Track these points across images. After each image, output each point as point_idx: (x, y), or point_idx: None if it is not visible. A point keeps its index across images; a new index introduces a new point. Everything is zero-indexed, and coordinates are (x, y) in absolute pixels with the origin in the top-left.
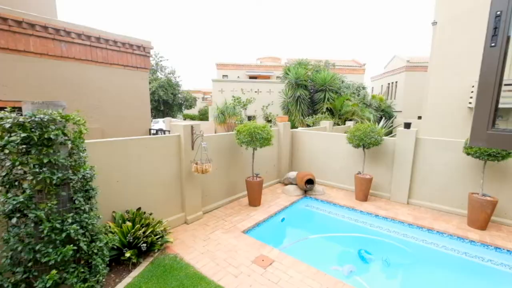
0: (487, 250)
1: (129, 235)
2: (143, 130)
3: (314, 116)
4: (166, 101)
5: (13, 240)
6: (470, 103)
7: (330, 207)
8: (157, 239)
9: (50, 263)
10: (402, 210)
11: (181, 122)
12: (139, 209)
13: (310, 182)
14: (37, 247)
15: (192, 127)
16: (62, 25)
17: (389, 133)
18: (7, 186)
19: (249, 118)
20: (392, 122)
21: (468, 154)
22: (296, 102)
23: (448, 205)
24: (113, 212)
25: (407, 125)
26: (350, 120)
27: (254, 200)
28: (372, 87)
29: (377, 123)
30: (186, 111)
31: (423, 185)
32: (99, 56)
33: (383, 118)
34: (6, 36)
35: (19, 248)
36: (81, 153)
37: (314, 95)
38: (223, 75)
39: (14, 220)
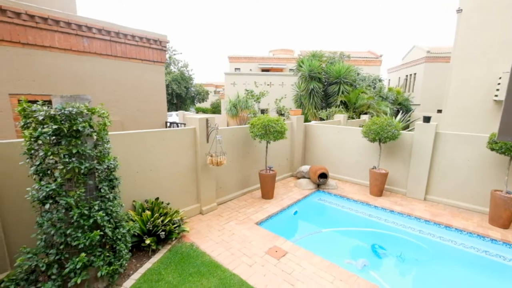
0: (509, 249)
1: (148, 223)
2: (160, 123)
3: (328, 109)
4: (179, 95)
5: (46, 225)
6: (496, 95)
7: (343, 202)
8: (174, 228)
9: (79, 247)
10: (419, 206)
11: (196, 115)
12: (157, 199)
13: (323, 176)
14: (67, 232)
15: (207, 120)
16: (84, 21)
17: (406, 127)
18: (41, 175)
19: (262, 111)
20: (409, 116)
21: (492, 149)
22: (309, 95)
23: (468, 202)
24: (133, 201)
25: (427, 119)
26: (365, 113)
27: (267, 193)
28: (389, 80)
29: (394, 117)
30: (198, 104)
31: (441, 181)
32: (118, 51)
33: (400, 111)
34: (34, 32)
35: (52, 232)
36: (105, 145)
37: (328, 88)
38: (235, 68)
39: (47, 206)
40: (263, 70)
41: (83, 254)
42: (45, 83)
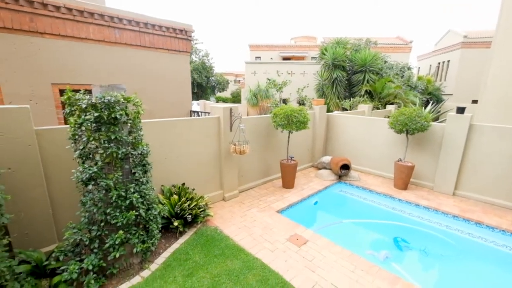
0: None
1: (176, 206)
2: (185, 111)
3: (351, 99)
4: (200, 84)
5: (89, 204)
6: None
7: (366, 194)
8: (200, 212)
9: (117, 225)
10: (447, 201)
11: (220, 104)
12: (183, 184)
13: (346, 167)
14: (107, 211)
15: (231, 109)
16: (116, 13)
17: (436, 118)
18: (84, 158)
19: (284, 101)
20: (441, 107)
21: None
22: (332, 84)
23: (502, 199)
24: (162, 185)
25: (461, 110)
26: (392, 103)
27: (288, 183)
28: (419, 67)
29: (423, 108)
30: (218, 94)
31: (473, 176)
32: (146, 41)
33: (431, 102)
34: (71, 25)
35: (94, 210)
36: (139, 132)
37: (352, 77)
38: (256, 57)
39: (89, 187)
40: (284, 58)
41: (121, 232)
42: (81, 73)
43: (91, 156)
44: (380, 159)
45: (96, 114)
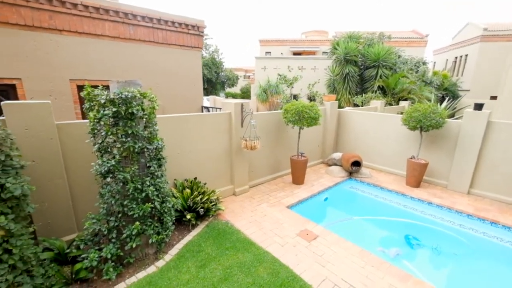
0: None
1: (189, 200)
2: (197, 107)
3: (363, 95)
4: (210, 80)
5: (107, 195)
6: None
7: (377, 191)
8: (211, 206)
9: (134, 216)
10: (461, 199)
11: (231, 100)
12: (195, 178)
13: (357, 164)
14: (124, 202)
15: (242, 105)
16: (130, 9)
17: (451, 115)
18: (102, 152)
19: (294, 96)
20: (457, 103)
21: None
22: (343, 79)
23: None
24: (175, 179)
25: (479, 106)
26: (405, 100)
27: (298, 178)
28: (434, 62)
29: (438, 104)
30: (228, 89)
31: (490, 174)
32: (159, 37)
33: (446, 98)
34: (88, 22)
35: (112, 202)
36: (154, 126)
37: (365, 72)
38: (266, 52)
39: (108, 179)
40: (295, 53)
41: (137, 223)
42: (97, 69)
43: (109, 150)
44: (392, 156)
45: (114, 109)
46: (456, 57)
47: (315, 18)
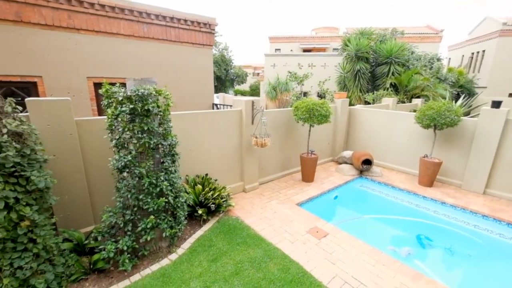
0: None
1: (200, 195)
2: (207, 104)
3: (374, 92)
4: (219, 77)
5: (123, 190)
6: None
7: (388, 190)
8: (222, 201)
9: (149, 210)
10: (476, 199)
11: (240, 97)
12: (206, 174)
13: (367, 162)
14: (140, 197)
15: (253, 102)
16: (144, 8)
17: (467, 113)
18: (119, 147)
19: (304, 94)
20: (473, 100)
21: None
22: (354, 76)
23: None
24: (186, 175)
25: (496, 104)
26: (418, 97)
27: (308, 176)
28: (449, 58)
29: (453, 101)
30: (237, 87)
31: (507, 174)
32: (172, 35)
33: (462, 95)
34: (104, 21)
35: (128, 196)
36: (168, 123)
37: (376, 69)
38: (275, 49)
39: (124, 174)
40: (305, 50)
41: (152, 217)
42: (113, 67)
43: (125, 145)
44: (404, 154)
45: (131, 106)
46: (473, 53)
47: (325, 15)
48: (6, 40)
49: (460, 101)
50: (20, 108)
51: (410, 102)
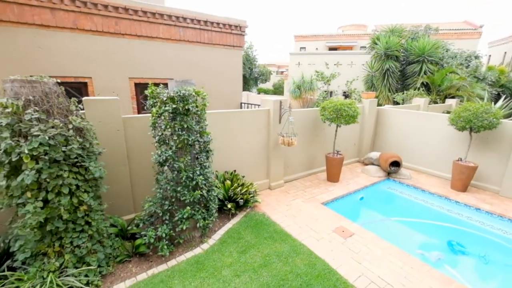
0: None
1: (230, 190)
2: (236, 103)
3: (404, 92)
4: (243, 76)
5: (163, 182)
6: None
7: (417, 193)
8: (250, 197)
9: (185, 201)
10: None
11: (268, 97)
12: (235, 171)
13: (396, 164)
14: (177, 189)
15: (281, 102)
16: (181, 13)
17: (508, 115)
18: (161, 143)
19: (330, 93)
20: None
21: None
22: (383, 76)
23: None
24: (216, 171)
25: None
26: (453, 97)
27: (333, 176)
28: (489, 56)
29: (493, 102)
30: (260, 85)
31: None
32: (205, 38)
33: (503, 95)
34: (146, 26)
35: (167, 188)
36: (204, 121)
37: (407, 68)
38: (300, 47)
39: (165, 168)
40: (331, 48)
41: (188, 208)
42: (151, 68)
43: (166, 141)
44: (436, 157)
45: (173, 106)
46: None
47: (353, 12)
48: (64, 46)
49: (500, 102)
50: (81, 106)
51: (444, 102)
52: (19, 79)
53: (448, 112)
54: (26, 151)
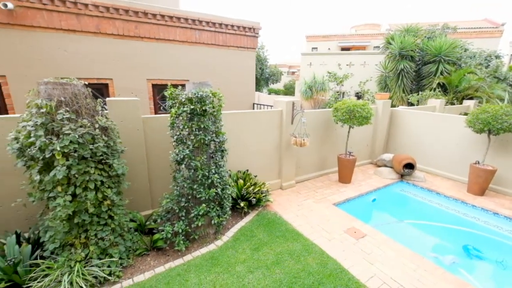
0: None
1: (242, 189)
2: (249, 104)
3: (419, 93)
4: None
5: (180, 180)
6: None
7: (432, 196)
8: (262, 196)
9: (201, 199)
10: None
11: (282, 98)
12: (247, 170)
13: (410, 166)
14: (194, 187)
15: (293, 103)
16: (197, 16)
17: None
18: (179, 142)
19: (343, 94)
20: None
21: None
22: (397, 76)
23: None
24: (229, 170)
25: None
26: (470, 98)
27: (345, 177)
28: (511, 55)
29: None
30: (271, 86)
31: None
32: (220, 40)
33: None
34: (163, 29)
35: (184, 185)
36: (220, 122)
37: (422, 68)
38: (312, 48)
39: (182, 166)
40: (343, 48)
41: (203, 205)
42: (168, 70)
43: (184, 141)
44: (452, 160)
45: (191, 107)
46: None
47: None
48: (87, 49)
49: None
50: (106, 106)
51: (461, 103)
52: (52, 81)
53: (466, 114)
54: (58, 148)
